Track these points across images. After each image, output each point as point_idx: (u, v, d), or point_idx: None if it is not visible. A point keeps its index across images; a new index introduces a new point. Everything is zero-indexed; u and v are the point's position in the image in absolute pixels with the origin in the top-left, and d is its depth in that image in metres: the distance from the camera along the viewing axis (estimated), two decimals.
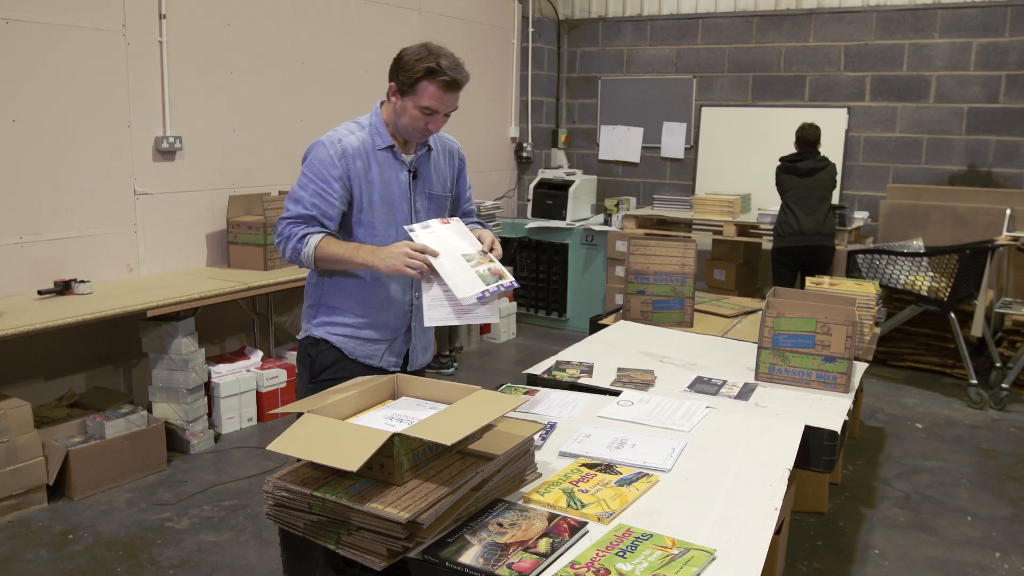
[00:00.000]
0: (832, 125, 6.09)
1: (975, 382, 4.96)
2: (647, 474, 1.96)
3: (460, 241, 2.29)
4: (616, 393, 2.61)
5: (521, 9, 7.04)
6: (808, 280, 3.82)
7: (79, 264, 4.01)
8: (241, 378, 4.41)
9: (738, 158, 6.69)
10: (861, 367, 2.99)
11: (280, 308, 5.02)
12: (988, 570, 3.13)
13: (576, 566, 1.52)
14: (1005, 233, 5.23)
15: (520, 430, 1.85)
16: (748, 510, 1.81)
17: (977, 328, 4.96)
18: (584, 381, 2.73)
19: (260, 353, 4.65)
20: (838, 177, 5.54)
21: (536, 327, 6.77)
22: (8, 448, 3.36)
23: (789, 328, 2.77)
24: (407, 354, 2.51)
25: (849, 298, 3.02)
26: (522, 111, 7.20)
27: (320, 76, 5.17)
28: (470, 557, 1.53)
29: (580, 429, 2.25)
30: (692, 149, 6.92)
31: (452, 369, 5.46)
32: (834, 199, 5.47)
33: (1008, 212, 5.45)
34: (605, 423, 2.33)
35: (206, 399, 4.23)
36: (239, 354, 4.62)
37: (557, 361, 2.93)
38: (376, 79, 5.17)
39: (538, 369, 2.84)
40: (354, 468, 1.49)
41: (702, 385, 2.73)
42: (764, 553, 1.63)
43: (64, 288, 3.81)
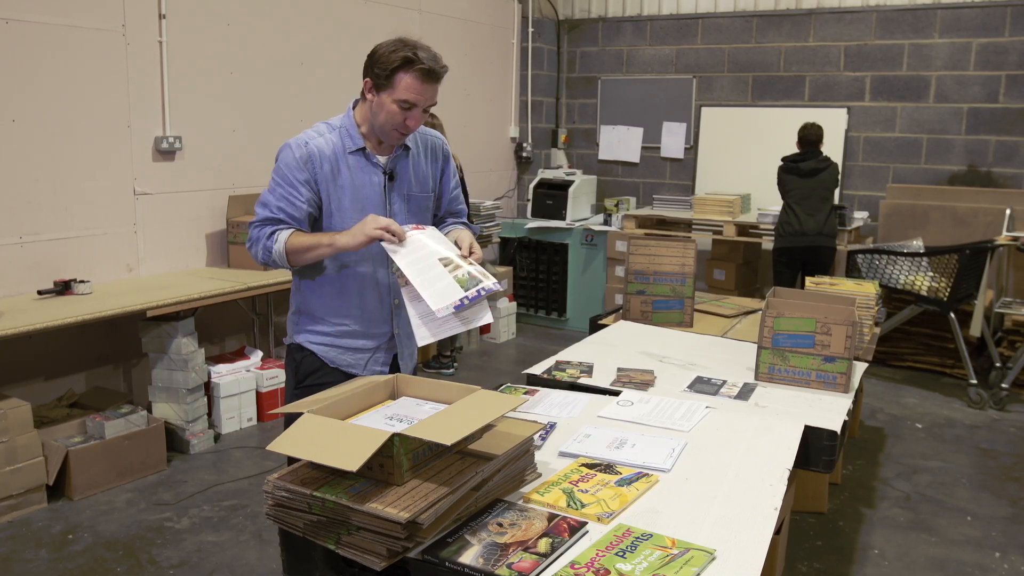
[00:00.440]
0: (832, 125, 6.08)
1: (975, 382, 4.96)
2: (647, 474, 1.96)
3: (436, 246, 2.20)
4: (616, 393, 2.61)
5: (521, 9, 7.04)
6: (808, 280, 3.82)
7: (79, 264, 4.01)
8: (241, 378, 4.41)
9: (738, 158, 6.69)
10: (861, 367, 2.99)
11: (280, 308, 5.02)
12: (988, 570, 3.13)
13: (576, 566, 1.52)
14: (1005, 233, 5.23)
15: (520, 430, 1.85)
16: (748, 510, 1.81)
17: (977, 328, 4.96)
18: (584, 381, 2.73)
19: (260, 353, 4.65)
20: (839, 177, 5.54)
21: (536, 327, 6.77)
22: (8, 448, 3.36)
23: (789, 328, 2.77)
24: (394, 361, 2.41)
25: (849, 298, 3.02)
26: (522, 111, 7.20)
27: (320, 76, 5.17)
28: (470, 557, 1.53)
29: (580, 429, 2.25)
30: (692, 149, 6.92)
31: (452, 369, 5.46)
32: (835, 199, 5.46)
33: (1008, 212, 5.45)
34: (605, 423, 2.33)
35: (206, 399, 4.23)
36: (239, 354, 4.62)
37: (557, 361, 2.93)
38: None
39: (538, 369, 2.84)
40: (354, 468, 1.49)
41: (702, 385, 2.72)
42: (764, 553, 1.63)
43: (64, 288, 3.81)
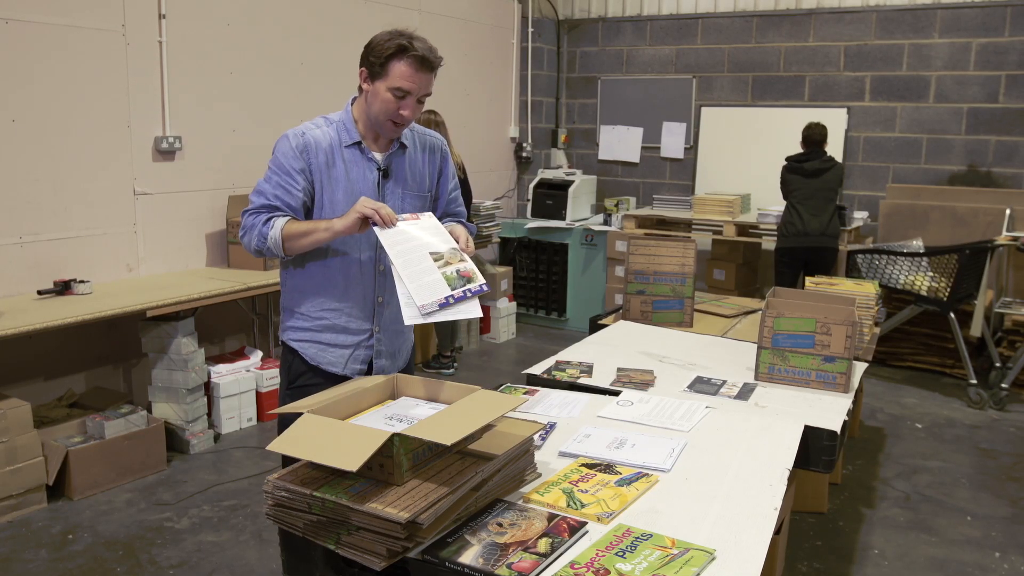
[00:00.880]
0: (832, 125, 6.05)
1: (975, 382, 4.96)
2: (647, 474, 1.96)
3: (430, 238, 2.17)
4: (616, 393, 2.61)
5: (521, 9, 7.04)
6: (808, 280, 3.82)
7: (79, 264, 4.01)
8: (241, 378, 4.41)
9: (738, 158, 6.69)
10: (861, 367, 2.99)
11: (280, 308, 5.01)
12: (988, 570, 3.13)
13: (576, 566, 1.52)
14: (1005, 233, 5.23)
15: (520, 430, 1.85)
16: (748, 510, 1.81)
17: (977, 328, 4.96)
18: (584, 381, 2.73)
19: (260, 353, 4.65)
20: (843, 177, 5.53)
21: (536, 327, 6.77)
22: (8, 448, 3.36)
23: (789, 328, 2.77)
24: (371, 362, 2.34)
25: (849, 298, 3.02)
26: (522, 111, 7.20)
27: (320, 76, 5.17)
28: (470, 557, 1.53)
29: (580, 429, 2.25)
30: (692, 149, 6.92)
31: (452, 369, 5.46)
32: (839, 199, 5.45)
33: (1008, 212, 5.44)
34: (605, 423, 2.33)
35: (206, 399, 4.23)
36: (239, 354, 4.62)
37: (557, 361, 2.93)
38: None
39: (538, 369, 2.84)
40: (354, 468, 1.49)
41: (702, 385, 2.72)
42: (764, 553, 1.63)
43: (64, 288, 3.81)
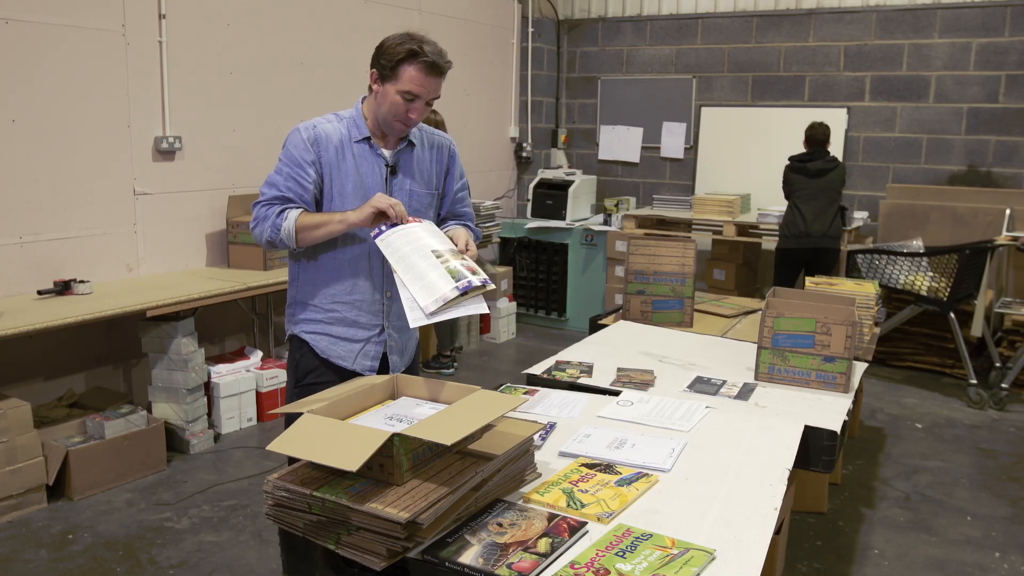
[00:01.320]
0: (832, 125, 6.06)
1: (975, 382, 4.96)
2: (647, 474, 1.96)
3: (431, 238, 2.20)
4: (616, 393, 2.61)
5: (521, 9, 7.04)
6: (808, 280, 3.82)
7: (79, 264, 4.01)
8: (241, 378, 4.41)
9: (738, 158, 6.69)
10: (861, 367, 2.99)
11: (280, 308, 5.01)
12: (988, 570, 3.13)
13: (576, 566, 1.52)
14: (1005, 233, 5.23)
15: (520, 430, 1.85)
16: (748, 510, 1.81)
17: (977, 328, 4.96)
18: (584, 381, 2.73)
19: (260, 353, 4.65)
20: (846, 178, 5.52)
21: (536, 327, 6.77)
22: (8, 448, 3.36)
23: (789, 328, 2.77)
24: (384, 358, 2.40)
25: (849, 298, 3.02)
26: (522, 111, 7.20)
27: (320, 76, 5.17)
28: (470, 557, 1.53)
29: (580, 429, 2.25)
30: (692, 149, 6.92)
31: (452, 369, 5.46)
32: (841, 200, 5.45)
33: (1008, 212, 5.44)
34: (605, 423, 2.33)
35: (206, 399, 4.23)
36: (239, 354, 4.62)
37: (557, 361, 2.93)
38: None
39: (538, 369, 2.84)
40: (354, 468, 1.49)
41: (702, 385, 2.72)
42: (764, 553, 1.63)
43: (64, 288, 3.81)
